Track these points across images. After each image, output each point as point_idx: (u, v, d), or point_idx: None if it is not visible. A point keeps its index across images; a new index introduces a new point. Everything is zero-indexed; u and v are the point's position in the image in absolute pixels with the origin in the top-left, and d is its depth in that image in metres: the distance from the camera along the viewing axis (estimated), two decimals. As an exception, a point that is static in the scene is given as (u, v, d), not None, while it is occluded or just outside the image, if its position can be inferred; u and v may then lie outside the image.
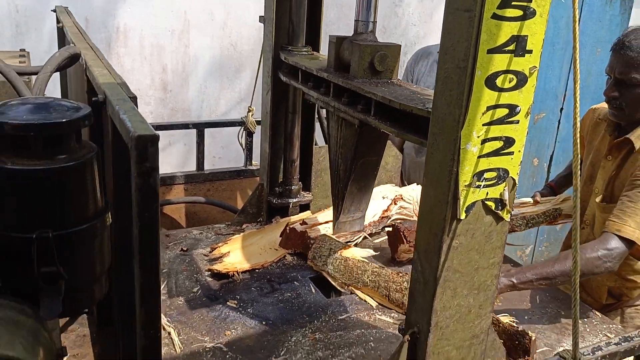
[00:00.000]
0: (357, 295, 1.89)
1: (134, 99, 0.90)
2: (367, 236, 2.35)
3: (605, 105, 2.14)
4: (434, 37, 3.94)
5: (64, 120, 0.83)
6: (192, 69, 4.03)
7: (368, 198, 1.92)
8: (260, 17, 2.27)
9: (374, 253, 2.16)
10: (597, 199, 2.12)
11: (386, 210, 2.43)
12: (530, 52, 1.22)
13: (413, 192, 2.62)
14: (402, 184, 2.94)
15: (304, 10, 2.12)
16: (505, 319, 1.75)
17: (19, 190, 0.81)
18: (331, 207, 2.44)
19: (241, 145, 2.96)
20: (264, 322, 1.73)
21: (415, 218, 2.40)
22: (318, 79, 1.83)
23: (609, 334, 1.83)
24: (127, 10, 3.84)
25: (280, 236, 2.20)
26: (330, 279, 1.94)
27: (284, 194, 2.37)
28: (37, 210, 0.82)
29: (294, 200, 2.38)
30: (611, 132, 2.12)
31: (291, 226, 2.18)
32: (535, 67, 1.24)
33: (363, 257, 1.96)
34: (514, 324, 1.70)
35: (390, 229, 2.22)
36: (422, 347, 1.41)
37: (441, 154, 1.26)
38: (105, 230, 0.91)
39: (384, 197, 2.50)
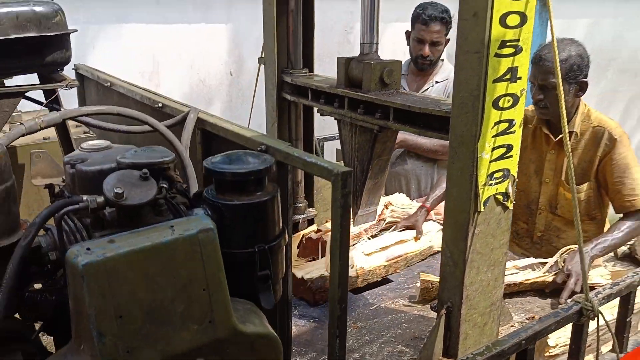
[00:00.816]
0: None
1: (291, 145, 1.19)
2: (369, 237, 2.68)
3: None
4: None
5: (265, 167, 1.11)
6: (163, 106, 4.24)
7: (381, 191, 2.24)
8: (259, 59, 2.57)
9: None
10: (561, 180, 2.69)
11: (381, 214, 2.79)
12: (520, 78, 1.60)
13: (397, 199, 3.00)
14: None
15: (300, 49, 2.44)
16: None
17: (242, 218, 1.08)
18: (335, 219, 2.77)
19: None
20: (311, 320, 2.02)
21: (404, 219, 2.77)
22: (330, 95, 2.13)
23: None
24: (97, 56, 4.01)
25: (297, 247, 2.50)
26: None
27: (293, 212, 2.67)
28: (253, 231, 1.09)
29: (302, 216, 2.68)
30: (547, 129, 2.66)
31: (307, 236, 2.48)
32: (524, 89, 1.63)
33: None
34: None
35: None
36: (455, 317, 1.75)
37: (462, 162, 1.61)
38: (284, 246, 1.20)
39: (374, 205, 2.86)
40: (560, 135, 2.59)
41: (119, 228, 0.97)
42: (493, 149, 1.61)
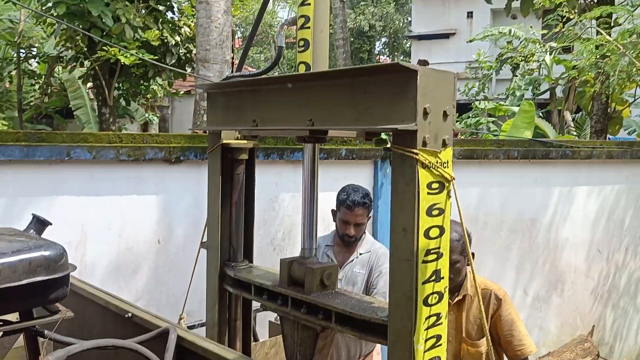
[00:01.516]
0: None
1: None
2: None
3: None
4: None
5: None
6: (88, 274, 4.20)
7: (322, 380, 2.38)
8: (202, 242, 2.75)
9: None
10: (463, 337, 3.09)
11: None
12: (443, 278, 1.90)
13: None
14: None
15: (241, 240, 2.67)
16: None
17: None
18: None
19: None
20: None
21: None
22: (274, 293, 2.32)
23: None
24: (22, 226, 3.99)
25: None
26: None
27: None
28: None
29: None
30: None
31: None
32: (446, 286, 1.93)
33: None
34: None
35: None
36: None
37: (401, 354, 1.83)
38: None
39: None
40: (457, 298, 3.06)
41: None
42: (426, 340, 1.86)
